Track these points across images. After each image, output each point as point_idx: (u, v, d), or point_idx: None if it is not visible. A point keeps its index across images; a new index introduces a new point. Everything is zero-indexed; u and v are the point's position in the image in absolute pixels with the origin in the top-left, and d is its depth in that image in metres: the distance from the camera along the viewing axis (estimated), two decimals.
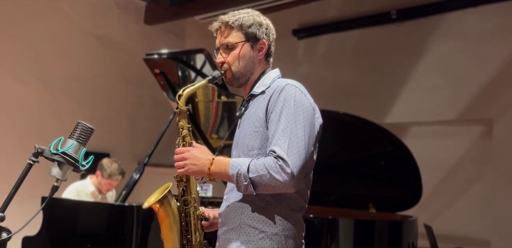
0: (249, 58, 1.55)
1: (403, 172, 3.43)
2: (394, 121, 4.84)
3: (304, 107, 1.43)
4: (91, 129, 1.36)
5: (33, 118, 4.58)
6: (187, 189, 1.56)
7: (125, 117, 5.37)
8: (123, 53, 5.33)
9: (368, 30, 5.15)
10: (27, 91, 4.57)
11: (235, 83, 1.58)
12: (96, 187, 3.60)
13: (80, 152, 1.33)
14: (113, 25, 5.29)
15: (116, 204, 2.94)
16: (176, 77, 3.33)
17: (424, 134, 4.87)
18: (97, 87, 5.13)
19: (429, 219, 3.92)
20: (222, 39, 1.56)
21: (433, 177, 4.39)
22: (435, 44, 4.76)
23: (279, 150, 1.35)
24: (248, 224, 1.43)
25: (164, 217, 1.50)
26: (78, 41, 4.95)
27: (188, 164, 1.45)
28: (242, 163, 1.39)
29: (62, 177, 1.31)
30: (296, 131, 1.38)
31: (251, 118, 1.49)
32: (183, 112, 1.55)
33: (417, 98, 4.80)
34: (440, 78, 4.69)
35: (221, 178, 1.44)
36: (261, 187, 1.36)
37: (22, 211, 2.08)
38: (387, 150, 3.42)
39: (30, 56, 4.58)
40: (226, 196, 1.55)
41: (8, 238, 1.20)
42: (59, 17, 4.79)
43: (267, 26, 1.59)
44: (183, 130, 1.55)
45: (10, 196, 1.24)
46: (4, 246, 1.18)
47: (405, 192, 3.54)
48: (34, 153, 1.27)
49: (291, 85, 1.46)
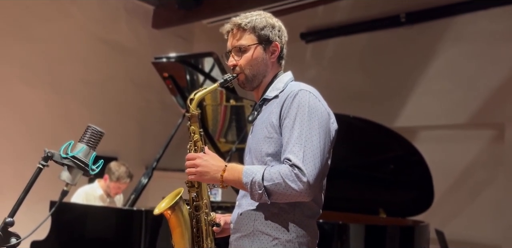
0: (262, 61, 1.52)
1: (414, 176, 3.39)
2: (403, 125, 4.79)
3: (318, 113, 1.40)
4: (101, 132, 1.34)
5: (42, 122, 4.59)
6: (198, 194, 1.53)
7: (133, 121, 5.37)
8: (132, 57, 5.34)
9: (377, 34, 5.12)
10: (37, 95, 4.58)
11: (248, 86, 1.55)
12: (105, 191, 3.59)
13: (90, 156, 1.31)
14: (122, 29, 5.31)
15: (125, 208, 2.92)
16: (185, 80, 3.32)
17: (434, 138, 4.82)
18: (106, 90, 5.14)
19: (440, 224, 3.87)
20: (234, 41, 1.53)
21: (444, 181, 4.33)
22: (445, 47, 4.72)
23: (294, 158, 1.33)
24: (261, 230, 1.40)
25: (175, 223, 1.48)
26: (87, 45, 4.97)
27: (200, 171, 1.42)
28: (256, 171, 1.36)
29: (72, 181, 1.29)
30: (311, 138, 1.35)
31: (264, 123, 1.47)
32: (195, 116, 1.52)
33: (427, 101, 4.75)
34: (451, 82, 4.65)
35: (234, 185, 1.42)
36: (275, 196, 1.34)
37: (30, 214, 2.06)
38: (398, 154, 3.38)
39: (40, 60, 4.60)
40: (238, 202, 1.52)
41: (18, 243, 1.18)
42: (68, 22, 4.81)
43: (280, 28, 1.56)
44: (194, 135, 1.52)
45: (19, 200, 1.22)
46: None
47: (416, 197, 3.50)
48: (44, 157, 1.25)
49: (305, 91, 1.43)
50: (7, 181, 4.25)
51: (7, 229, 1.18)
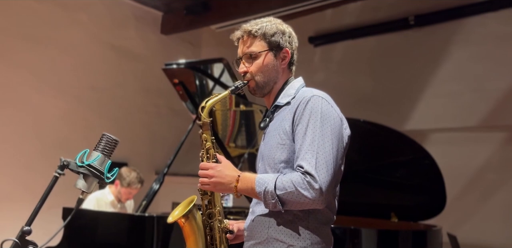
0: (272, 67, 1.52)
1: (426, 180, 3.36)
2: (413, 128, 4.77)
3: (331, 119, 1.40)
4: (115, 141, 1.35)
5: (52, 128, 4.63)
6: (211, 202, 1.53)
7: (142, 126, 5.40)
8: (141, 63, 5.37)
9: (386, 37, 5.11)
10: (48, 101, 4.62)
11: (259, 92, 1.55)
12: (116, 196, 3.60)
13: (105, 164, 1.32)
14: (131, 35, 5.35)
15: (137, 214, 2.94)
16: (194, 86, 3.33)
17: (445, 141, 4.78)
18: (115, 96, 5.17)
19: (452, 228, 3.83)
20: (244, 48, 1.54)
21: (455, 185, 4.29)
22: (455, 50, 4.70)
23: (306, 165, 1.32)
24: (275, 238, 1.40)
25: (189, 232, 1.48)
26: (97, 52, 5.01)
27: (214, 182, 1.42)
28: (268, 180, 1.35)
29: (88, 189, 1.30)
30: (324, 145, 1.35)
31: (276, 130, 1.46)
32: (206, 124, 1.53)
33: (437, 104, 4.72)
34: (460, 84, 4.62)
35: (248, 194, 1.42)
36: (289, 204, 1.34)
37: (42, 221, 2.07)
38: (409, 158, 3.36)
39: (50, 67, 4.65)
40: (252, 209, 1.52)
41: None
42: (79, 29, 4.86)
43: (290, 34, 1.56)
44: (206, 143, 1.52)
45: (36, 209, 1.23)
46: None
47: (428, 201, 3.47)
48: (60, 166, 1.26)
49: (318, 96, 1.43)
50: (17, 188, 4.28)
51: (25, 238, 1.19)
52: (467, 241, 4.00)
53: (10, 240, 1.18)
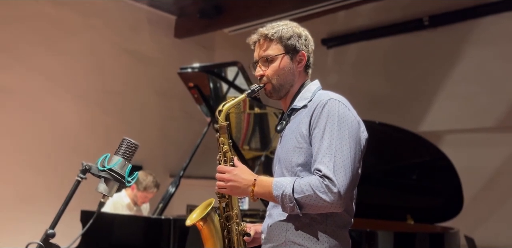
0: (289, 70, 1.53)
1: (442, 182, 3.33)
2: (428, 130, 4.72)
3: (348, 122, 1.40)
4: (135, 145, 1.37)
5: (68, 132, 4.69)
6: (228, 204, 1.54)
7: (157, 130, 5.44)
8: (154, 66, 5.42)
9: (399, 37, 5.07)
10: (63, 106, 4.69)
11: (275, 95, 1.56)
12: (132, 199, 3.64)
13: (126, 168, 1.34)
14: (145, 39, 5.40)
15: (153, 217, 2.96)
16: (209, 89, 3.35)
17: (460, 143, 4.72)
18: (130, 100, 5.22)
19: (469, 231, 3.78)
20: (261, 52, 1.55)
21: (471, 187, 4.23)
22: (470, 50, 4.65)
23: (324, 169, 1.32)
24: (293, 241, 1.40)
25: (208, 235, 1.50)
26: (111, 56, 5.07)
27: (231, 186, 1.44)
28: (286, 184, 1.36)
29: (109, 193, 1.32)
30: (342, 148, 1.35)
31: (293, 133, 1.47)
32: (223, 127, 1.54)
33: (452, 105, 4.67)
34: (476, 85, 4.56)
35: (265, 198, 1.42)
36: (307, 208, 1.34)
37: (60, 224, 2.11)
38: (425, 159, 3.33)
39: (67, 72, 4.72)
40: (269, 212, 1.52)
41: None
42: (94, 34, 4.92)
43: (306, 37, 1.57)
44: (224, 146, 1.53)
45: (59, 212, 1.26)
46: None
47: (444, 203, 3.44)
48: (82, 170, 1.29)
49: (334, 100, 1.43)
50: (36, 191, 4.35)
51: (48, 241, 1.21)
52: (485, 244, 3.94)
53: (34, 243, 1.21)
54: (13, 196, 4.23)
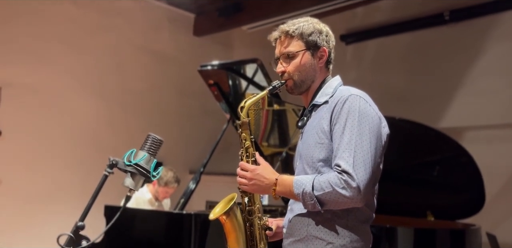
0: (310, 67, 1.54)
1: (464, 178, 3.29)
2: (449, 126, 4.67)
3: (369, 118, 1.40)
4: (160, 140, 1.40)
5: (90, 129, 4.79)
6: (251, 199, 1.57)
7: (176, 127, 5.50)
8: (174, 65, 5.48)
9: (419, 33, 5.01)
10: (85, 103, 4.78)
11: (296, 91, 1.58)
12: (153, 195, 3.70)
13: (151, 163, 1.37)
14: (164, 38, 5.46)
15: (175, 212, 3.01)
16: (228, 87, 3.38)
17: (482, 139, 4.66)
18: (150, 98, 5.30)
19: (491, 228, 3.74)
20: (282, 48, 1.56)
21: (493, 183, 4.17)
22: (492, 45, 4.57)
23: (344, 164, 1.33)
24: (315, 235, 1.42)
25: (230, 228, 1.52)
26: (132, 55, 5.15)
27: (252, 184, 1.46)
28: (306, 182, 1.38)
29: (135, 187, 1.36)
30: (362, 144, 1.36)
31: (314, 129, 1.48)
32: (245, 123, 1.57)
33: (474, 101, 4.61)
34: (498, 80, 4.49)
35: (287, 196, 1.45)
36: (328, 204, 1.36)
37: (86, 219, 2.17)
38: (447, 156, 3.30)
39: (89, 71, 4.81)
40: (291, 207, 1.54)
41: (88, 245, 1.25)
42: (115, 33, 5.00)
43: (327, 33, 1.58)
44: (246, 142, 1.56)
45: (88, 206, 1.30)
46: None
47: (465, 200, 3.40)
48: (109, 165, 1.33)
49: (355, 96, 1.44)
50: (58, 189, 4.45)
51: (79, 232, 1.25)
52: (507, 241, 3.89)
53: (65, 235, 1.25)
54: (41, 191, 4.35)
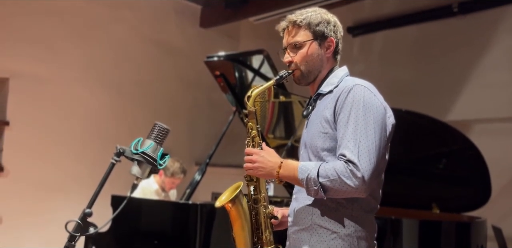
0: (317, 57, 1.54)
1: (470, 171, 3.29)
2: (456, 119, 4.64)
3: (374, 108, 1.40)
4: (167, 129, 1.41)
5: (98, 120, 4.81)
6: (256, 188, 1.58)
7: (183, 119, 5.51)
8: (180, 56, 5.48)
9: (427, 25, 4.97)
10: (93, 95, 4.80)
11: (303, 81, 1.58)
12: (160, 186, 3.73)
13: (158, 152, 1.38)
14: (171, 29, 5.45)
15: (181, 202, 3.04)
16: (234, 78, 3.38)
17: (490, 132, 4.63)
18: (157, 90, 5.31)
19: (497, 221, 3.73)
20: (289, 38, 1.56)
21: (501, 177, 4.15)
22: (501, 38, 4.52)
23: (349, 154, 1.34)
24: (319, 224, 1.43)
25: (236, 216, 1.54)
26: (139, 46, 5.15)
27: (257, 167, 1.47)
28: (311, 168, 1.38)
29: (142, 175, 1.37)
30: (366, 133, 1.36)
31: (318, 118, 1.48)
32: (252, 113, 1.57)
33: (482, 94, 4.58)
34: (507, 73, 4.45)
35: (290, 181, 1.45)
36: (331, 192, 1.36)
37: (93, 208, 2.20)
38: (453, 148, 3.29)
39: (96, 63, 4.82)
40: (295, 196, 1.55)
41: (95, 232, 1.27)
42: (122, 25, 5.00)
43: (335, 24, 1.58)
44: (252, 131, 1.57)
45: (95, 193, 1.32)
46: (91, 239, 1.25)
47: (471, 193, 3.40)
48: (116, 153, 1.34)
49: (360, 85, 1.43)
50: (66, 179, 4.49)
51: (86, 219, 1.27)
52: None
53: (73, 222, 1.27)
54: (49, 180, 4.40)
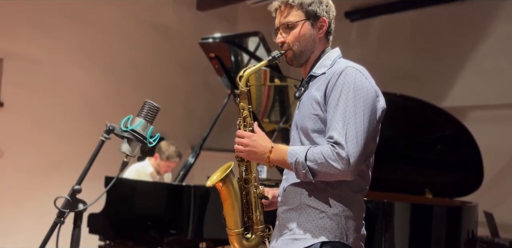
0: (309, 37, 1.53)
1: (463, 157, 3.30)
2: (452, 105, 4.64)
3: (364, 91, 1.40)
4: (157, 107, 1.41)
5: (93, 102, 4.81)
6: (247, 168, 1.58)
7: (179, 102, 5.51)
8: (177, 39, 5.44)
9: (426, 10, 4.93)
10: (88, 77, 4.79)
11: (296, 62, 1.57)
12: (155, 169, 3.74)
13: (148, 129, 1.38)
14: (168, 12, 5.40)
15: (175, 184, 3.06)
16: (229, 61, 3.36)
17: (486, 119, 4.64)
18: (153, 73, 5.28)
19: (490, 207, 3.77)
20: (282, 18, 1.55)
21: (495, 163, 4.19)
22: (499, 24, 4.50)
23: (337, 136, 1.34)
24: (308, 204, 1.44)
25: (226, 195, 1.54)
26: (135, 29, 5.11)
27: (248, 151, 1.47)
28: (300, 152, 1.39)
29: (131, 153, 1.37)
30: (355, 116, 1.36)
31: (309, 100, 1.48)
32: (244, 93, 1.57)
33: (478, 80, 4.57)
34: (505, 60, 4.44)
35: (280, 165, 1.46)
36: (319, 175, 1.37)
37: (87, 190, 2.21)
38: (447, 134, 3.30)
39: (92, 45, 4.79)
40: (286, 176, 1.56)
41: (84, 209, 1.28)
42: (119, 7, 4.95)
43: (327, 4, 1.56)
44: (243, 111, 1.57)
45: (85, 170, 1.32)
46: (80, 216, 1.26)
47: (464, 178, 3.42)
48: (106, 130, 1.34)
49: (351, 67, 1.43)
50: (65, 158, 4.51)
51: (75, 196, 1.28)
52: (504, 220, 3.93)
53: (62, 198, 1.28)
54: (44, 162, 4.42)
